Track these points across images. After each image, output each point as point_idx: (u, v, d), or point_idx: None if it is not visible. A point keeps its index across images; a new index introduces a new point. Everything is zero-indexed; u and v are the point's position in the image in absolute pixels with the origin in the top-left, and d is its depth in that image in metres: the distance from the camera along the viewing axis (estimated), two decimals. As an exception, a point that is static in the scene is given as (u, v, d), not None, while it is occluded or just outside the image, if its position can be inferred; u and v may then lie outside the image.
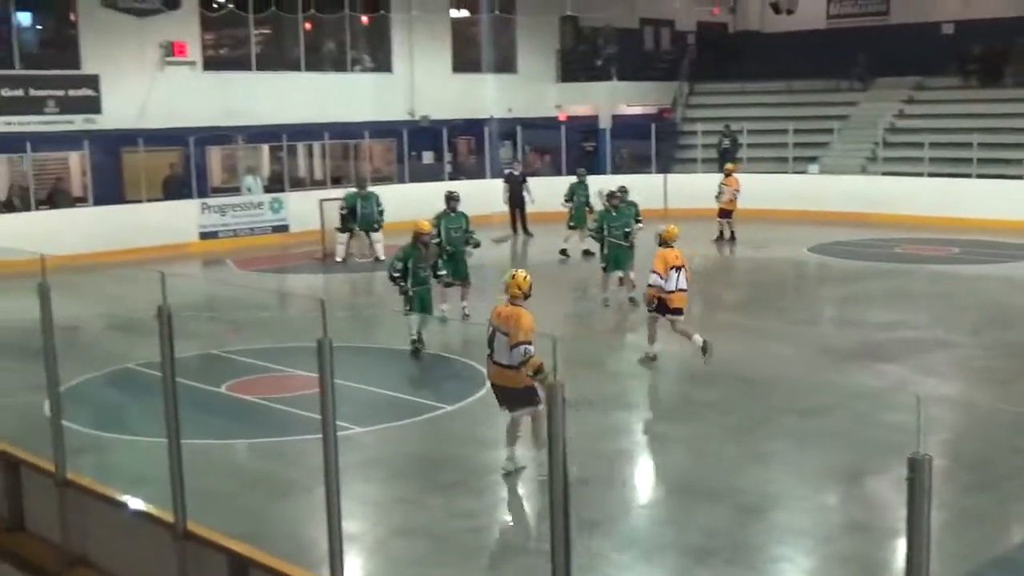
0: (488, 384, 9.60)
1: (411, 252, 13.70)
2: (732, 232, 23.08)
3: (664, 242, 13.12)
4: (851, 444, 10.11)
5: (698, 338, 12.60)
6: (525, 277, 9.37)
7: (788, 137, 28.10)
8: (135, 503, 7.25)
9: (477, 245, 15.75)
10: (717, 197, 23.15)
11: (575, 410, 9.32)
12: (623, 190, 17.34)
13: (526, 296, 9.29)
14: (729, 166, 24.27)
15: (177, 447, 6.50)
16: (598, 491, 8.60)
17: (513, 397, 9.13)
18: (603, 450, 9.68)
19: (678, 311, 12.86)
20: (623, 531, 8.34)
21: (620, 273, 16.54)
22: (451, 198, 15.98)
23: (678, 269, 12.75)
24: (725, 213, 23.04)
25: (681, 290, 12.79)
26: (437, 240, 14.99)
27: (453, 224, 15.58)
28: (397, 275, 13.63)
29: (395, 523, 8.58)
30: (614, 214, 16.57)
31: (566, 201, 21.36)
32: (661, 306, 12.81)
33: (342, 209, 21.44)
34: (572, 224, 21.17)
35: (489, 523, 8.60)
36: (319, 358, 5.49)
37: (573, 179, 22.05)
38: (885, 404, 11.47)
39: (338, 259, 21.54)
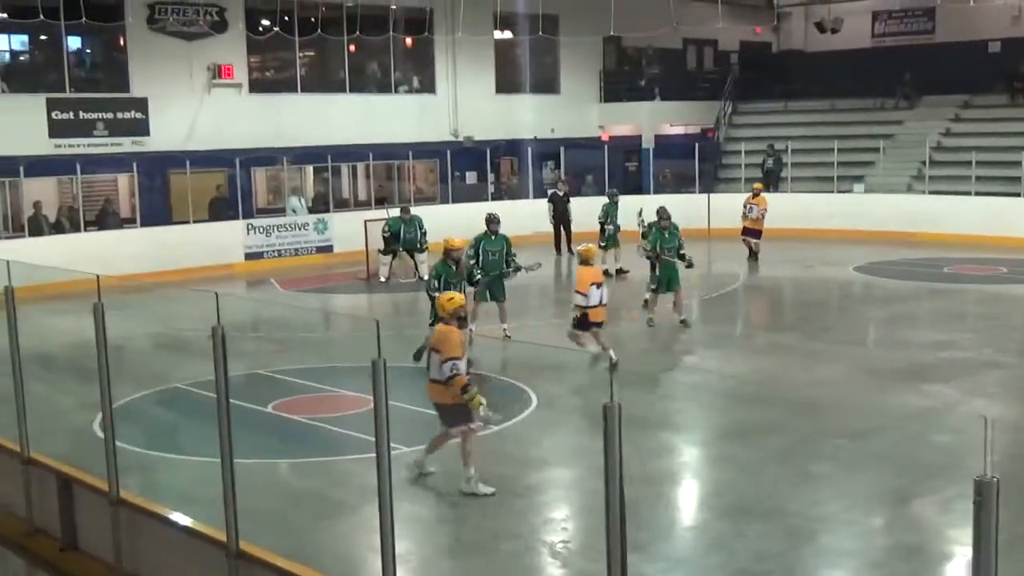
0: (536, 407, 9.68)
1: (443, 269, 13.79)
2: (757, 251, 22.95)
3: (583, 261, 13.97)
4: (900, 466, 10.03)
5: (612, 354, 13.38)
6: (450, 299, 9.86)
7: (833, 156, 27.92)
8: (188, 522, 7.30)
9: (517, 270, 15.49)
10: (747, 215, 22.91)
11: (492, 423, 9.48)
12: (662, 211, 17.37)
13: (459, 318, 9.70)
14: (757, 185, 24.09)
15: (230, 466, 6.55)
16: (644, 512, 8.57)
17: (448, 413, 9.46)
18: (649, 471, 9.63)
19: (599, 324, 13.78)
20: (669, 553, 8.31)
21: (671, 294, 16.41)
22: (491, 220, 15.82)
23: (598, 285, 13.63)
24: (755, 233, 22.82)
25: (602, 305, 13.70)
26: (473, 261, 15.03)
27: (492, 247, 15.44)
28: (437, 294, 13.73)
29: (442, 543, 8.61)
30: (667, 235, 16.48)
31: (604, 223, 21.49)
32: (584, 321, 13.68)
33: (385, 232, 21.59)
34: (603, 244, 21.24)
35: (535, 543, 8.57)
36: (374, 378, 5.51)
37: (605, 200, 22.22)
38: (934, 425, 11.39)
39: (382, 279, 21.67)
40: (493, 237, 15.60)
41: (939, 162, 27.76)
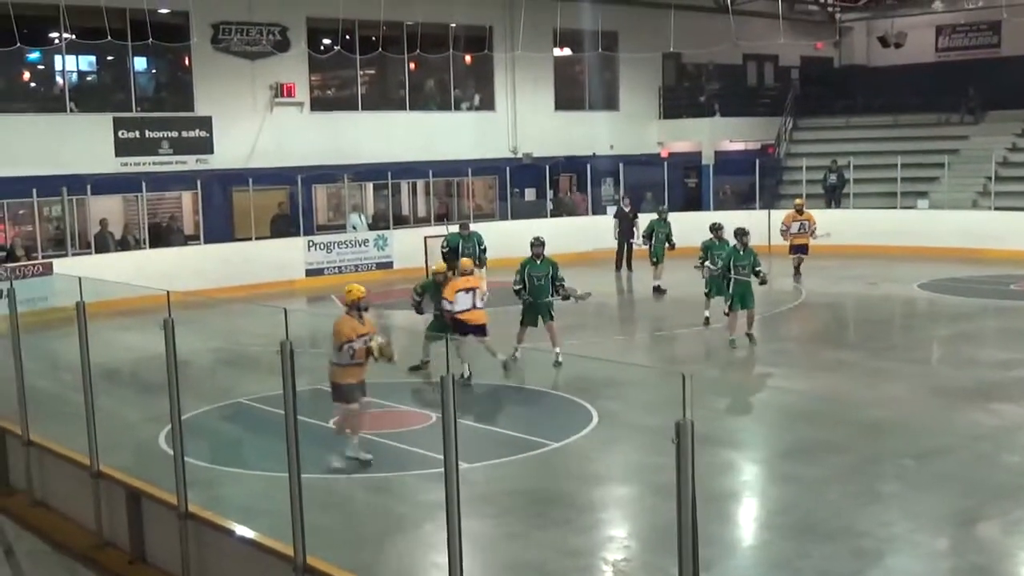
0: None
1: (427, 285, 14.96)
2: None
3: (456, 274, 14.77)
4: (969, 486, 9.85)
5: (501, 356, 14.31)
6: (348, 291, 10.90)
7: (896, 172, 27.55)
8: (256, 537, 7.33)
9: (565, 298, 15.33)
10: (799, 232, 22.47)
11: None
12: (718, 227, 17.39)
13: (358, 308, 10.78)
14: (800, 201, 23.68)
15: (298, 481, 6.58)
16: (708, 530, 8.48)
17: (340, 392, 10.76)
18: (712, 488, 9.54)
19: (481, 328, 14.19)
20: (735, 572, 8.22)
21: (744, 311, 16.23)
22: (535, 244, 15.56)
23: (468, 291, 14.21)
24: (805, 249, 22.45)
25: (475, 308, 14.16)
26: (520, 287, 15.07)
27: (538, 272, 15.19)
28: (417, 300, 15.03)
29: (505, 560, 8.57)
30: (741, 252, 16.26)
31: (645, 239, 21.77)
32: (461, 326, 14.02)
33: (443, 248, 21.64)
34: (654, 260, 21.43)
35: (597, 561, 8.53)
36: (442, 394, 5.49)
37: (654, 216, 22.38)
38: (1004, 445, 11.18)
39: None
40: (538, 261, 15.33)
41: (1005, 178, 27.32)
